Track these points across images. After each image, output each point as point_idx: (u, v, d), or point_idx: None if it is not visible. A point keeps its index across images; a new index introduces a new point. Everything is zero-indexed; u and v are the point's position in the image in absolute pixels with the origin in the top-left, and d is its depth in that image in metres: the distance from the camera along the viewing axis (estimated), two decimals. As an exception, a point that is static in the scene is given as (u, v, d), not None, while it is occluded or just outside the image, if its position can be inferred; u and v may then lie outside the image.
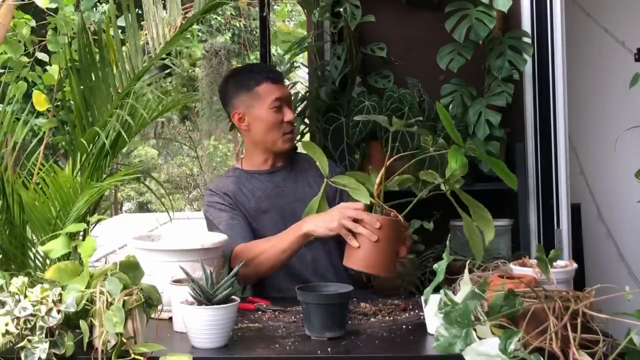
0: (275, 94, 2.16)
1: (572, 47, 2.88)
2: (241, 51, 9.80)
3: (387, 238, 1.66)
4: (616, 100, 3.23)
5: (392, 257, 1.68)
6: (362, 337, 1.53)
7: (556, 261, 1.59)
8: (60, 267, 1.45)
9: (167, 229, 2.01)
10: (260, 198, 2.18)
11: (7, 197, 2.09)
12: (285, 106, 2.18)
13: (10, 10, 2.66)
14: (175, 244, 1.80)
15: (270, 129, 2.17)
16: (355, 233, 1.68)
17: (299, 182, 2.24)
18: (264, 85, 2.16)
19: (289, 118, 2.17)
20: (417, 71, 2.97)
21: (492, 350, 1.19)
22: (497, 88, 2.72)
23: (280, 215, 2.15)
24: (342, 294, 1.55)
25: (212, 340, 1.44)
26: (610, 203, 3.27)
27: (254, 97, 2.17)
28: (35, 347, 1.32)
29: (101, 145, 2.21)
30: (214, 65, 8.55)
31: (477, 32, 2.64)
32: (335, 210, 1.78)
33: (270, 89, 2.16)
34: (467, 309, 1.28)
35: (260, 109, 2.16)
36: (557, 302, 1.29)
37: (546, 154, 2.82)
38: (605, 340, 1.23)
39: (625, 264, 3.24)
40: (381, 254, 1.66)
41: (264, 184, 2.21)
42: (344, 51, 2.88)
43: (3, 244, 2.10)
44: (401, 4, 3.05)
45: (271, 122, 2.16)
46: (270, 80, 2.17)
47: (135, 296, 1.39)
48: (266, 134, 2.18)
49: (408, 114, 2.72)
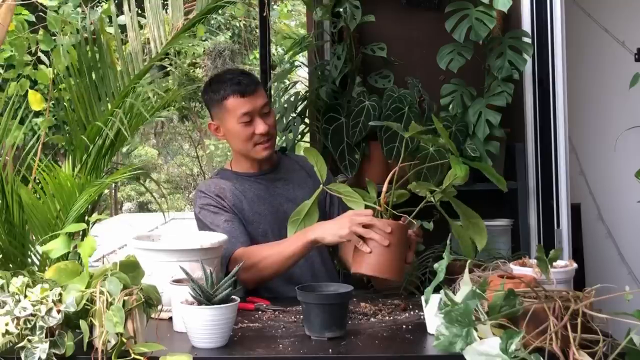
0: (242, 109, 2.08)
1: (572, 47, 2.88)
2: (241, 51, 9.80)
3: (397, 243, 1.69)
4: (616, 100, 3.23)
5: (402, 262, 1.71)
6: (362, 337, 1.53)
7: (556, 261, 1.59)
8: (60, 267, 1.45)
9: (167, 229, 2.01)
10: (252, 199, 2.15)
11: (7, 196, 2.09)
12: (258, 117, 2.09)
13: (11, 10, 2.66)
14: (175, 244, 1.80)
15: (243, 141, 2.12)
16: (366, 239, 1.70)
17: (290, 182, 2.22)
18: (231, 99, 2.09)
19: (260, 130, 2.09)
20: (417, 71, 2.97)
21: (493, 350, 1.19)
22: (497, 88, 2.72)
23: (272, 215, 2.14)
24: (342, 294, 1.55)
25: (212, 340, 1.44)
26: (610, 203, 3.27)
27: (224, 111, 2.12)
28: (35, 347, 1.32)
29: (100, 144, 2.21)
30: (218, 66, 8.55)
31: (477, 32, 2.64)
32: (345, 218, 1.79)
33: (237, 103, 2.09)
34: (467, 308, 1.28)
35: (230, 122, 2.11)
36: (557, 302, 1.29)
37: (546, 154, 2.82)
38: (605, 340, 1.23)
39: (625, 264, 3.24)
40: (392, 259, 1.69)
41: (254, 185, 2.18)
42: (344, 51, 2.88)
43: (3, 244, 2.10)
44: (401, 4, 3.05)
45: (241, 135, 2.11)
46: (238, 94, 2.08)
47: (135, 296, 1.39)
48: (240, 146, 2.14)
49: (408, 114, 2.72)
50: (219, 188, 2.14)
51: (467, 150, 2.74)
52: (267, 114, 2.13)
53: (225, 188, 2.15)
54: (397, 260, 1.69)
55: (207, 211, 2.11)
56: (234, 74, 2.16)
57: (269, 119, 2.13)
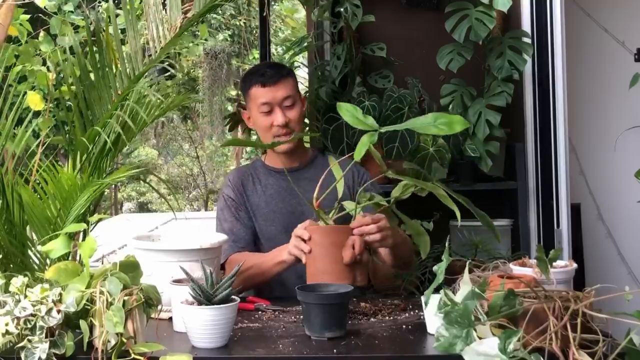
0: (262, 98, 2.13)
1: (572, 47, 2.88)
2: (241, 51, 9.81)
3: (327, 247, 1.70)
4: (616, 100, 3.23)
5: (336, 264, 1.70)
6: (362, 337, 1.53)
7: (556, 261, 1.59)
8: (60, 267, 1.45)
9: (167, 229, 2.02)
10: (272, 195, 2.19)
11: (7, 196, 2.08)
12: (278, 108, 2.13)
13: (11, 10, 2.65)
14: (175, 244, 1.80)
15: (263, 131, 2.17)
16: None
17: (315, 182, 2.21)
18: (253, 88, 2.15)
19: (278, 121, 2.12)
20: (417, 71, 2.98)
21: (492, 350, 1.19)
22: (497, 88, 2.72)
23: (288, 215, 2.15)
24: (342, 294, 1.55)
25: (212, 340, 1.44)
26: (610, 203, 3.27)
27: (249, 100, 2.19)
28: (35, 347, 1.32)
29: (102, 144, 2.21)
30: (214, 67, 8.56)
31: (477, 32, 2.64)
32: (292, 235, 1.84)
33: (258, 92, 2.14)
34: (467, 309, 1.28)
35: (254, 111, 2.18)
36: (557, 302, 1.29)
37: (546, 154, 2.82)
38: (605, 340, 1.23)
39: (625, 264, 3.25)
40: (323, 264, 1.71)
41: (279, 181, 2.21)
42: (344, 51, 2.88)
43: (3, 244, 2.09)
44: (401, 4, 3.06)
45: (261, 125, 2.16)
46: (260, 84, 2.13)
47: (135, 296, 1.39)
48: (262, 136, 2.20)
49: (408, 114, 2.72)
50: (242, 178, 2.23)
51: (467, 150, 2.74)
52: (290, 107, 2.15)
53: (248, 182, 2.23)
54: (329, 264, 1.69)
55: (224, 201, 2.20)
56: (262, 66, 2.29)
57: (291, 112, 2.15)
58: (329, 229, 1.74)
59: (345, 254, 1.69)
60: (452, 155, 2.74)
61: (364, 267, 1.74)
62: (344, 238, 1.72)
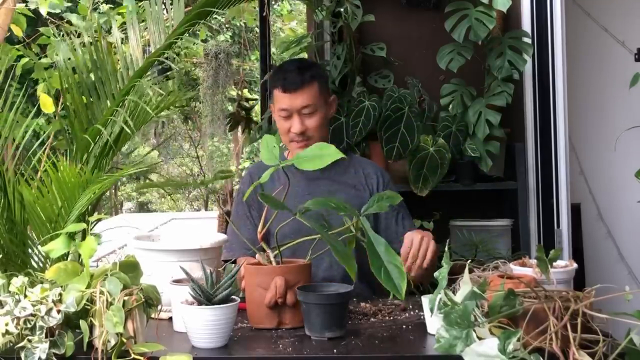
0: (281, 104, 2.11)
1: (572, 47, 2.88)
2: (241, 51, 9.80)
3: (258, 287, 1.62)
4: (616, 100, 3.24)
5: (263, 307, 1.60)
6: (362, 337, 1.53)
7: (556, 261, 1.59)
8: (60, 267, 1.45)
9: (167, 229, 2.02)
10: (289, 194, 2.13)
11: (8, 195, 2.08)
12: (296, 115, 2.10)
13: (10, 13, 2.66)
14: (175, 244, 1.79)
15: (281, 133, 2.18)
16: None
17: (335, 184, 2.19)
18: (275, 91, 2.14)
19: (295, 129, 2.10)
20: (417, 71, 2.98)
21: (491, 351, 1.19)
22: (497, 88, 2.72)
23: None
24: (342, 294, 1.55)
25: (212, 340, 1.44)
26: (610, 203, 3.27)
27: (272, 98, 2.18)
28: (35, 347, 1.32)
29: (103, 143, 2.21)
30: (214, 68, 8.55)
31: (476, 32, 2.64)
32: None
33: (279, 97, 2.12)
34: (466, 310, 1.28)
35: (275, 111, 2.18)
36: (557, 302, 1.29)
37: (546, 154, 2.82)
38: (605, 340, 1.23)
39: (625, 264, 3.25)
40: (251, 304, 1.63)
41: (298, 181, 2.14)
42: (344, 51, 2.88)
43: (4, 243, 2.09)
44: (401, 4, 3.06)
45: (280, 127, 2.16)
46: (281, 88, 2.11)
47: (135, 296, 1.39)
48: (281, 136, 2.20)
49: (408, 114, 2.72)
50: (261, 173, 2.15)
51: (467, 150, 2.74)
52: (309, 115, 2.11)
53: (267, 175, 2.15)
54: (253, 305, 1.62)
55: (239, 199, 2.20)
56: (288, 67, 2.16)
57: (310, 120, 2.11)
58: (254, 270, 1.66)
59: (266, 296, 1.60)
60: (452, 155, 2.74)
61: (294, 309, 1.61)
62: (269, 279, 1.60)
